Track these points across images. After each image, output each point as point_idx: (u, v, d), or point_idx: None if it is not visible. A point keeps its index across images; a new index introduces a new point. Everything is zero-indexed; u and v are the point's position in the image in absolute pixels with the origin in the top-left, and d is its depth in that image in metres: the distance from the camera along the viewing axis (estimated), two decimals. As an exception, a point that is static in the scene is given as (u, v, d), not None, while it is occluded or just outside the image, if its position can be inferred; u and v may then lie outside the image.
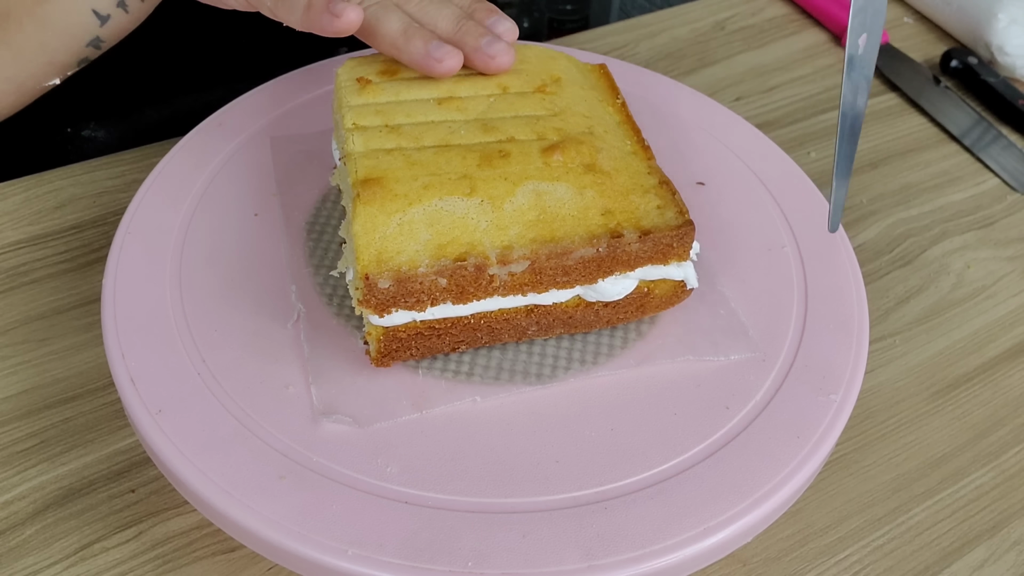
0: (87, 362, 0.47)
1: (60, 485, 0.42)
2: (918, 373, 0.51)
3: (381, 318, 0.37)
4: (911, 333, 0.53)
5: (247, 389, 0.38)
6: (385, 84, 0.42)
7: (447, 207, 0.37)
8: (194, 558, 0.40)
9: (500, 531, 0.34)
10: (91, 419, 0.45)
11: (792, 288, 0.45)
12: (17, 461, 0.43)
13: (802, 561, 0.42)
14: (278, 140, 0.50)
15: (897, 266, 0.57)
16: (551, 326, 0.40)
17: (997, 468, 0.47)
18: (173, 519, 0.41)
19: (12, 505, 0.41)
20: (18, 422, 0.44)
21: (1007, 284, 0.56)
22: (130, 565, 0.40)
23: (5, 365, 0.46)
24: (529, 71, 0.44)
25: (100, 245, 0.52)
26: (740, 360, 0.41)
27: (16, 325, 0.48)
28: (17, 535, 0.40)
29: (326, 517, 0.34)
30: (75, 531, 0.41)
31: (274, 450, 0.36)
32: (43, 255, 0.52)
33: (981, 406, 0.49)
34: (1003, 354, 0.52)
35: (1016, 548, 0.44)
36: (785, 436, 0.38)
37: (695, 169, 0.50)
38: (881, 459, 0.46)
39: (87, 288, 0.50)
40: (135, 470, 0.43)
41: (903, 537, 0.44)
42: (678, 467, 0.37)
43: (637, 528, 0.35)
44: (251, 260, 0.44)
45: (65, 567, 0.39)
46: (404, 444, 0.37)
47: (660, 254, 0.39)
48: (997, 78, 0.70)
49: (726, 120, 0.54)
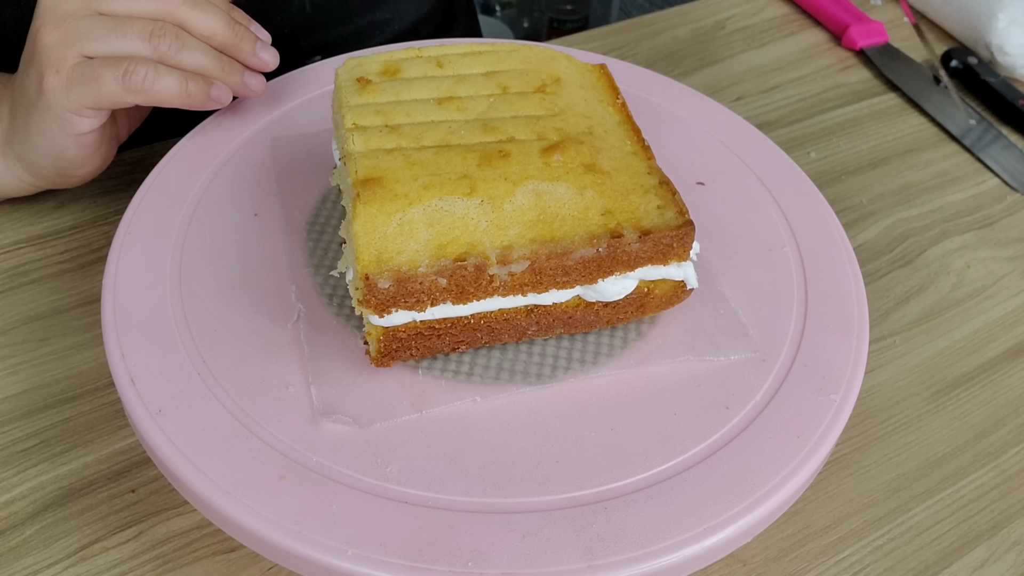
0: (87, 362, 0.47)
1: (60, 485, 0.42)
2: (918, 373, 0.51)
3: (381, 318, 0.37)
4: (911, 333, 0.53)
5: (247, 389, 0.38)
6: (385, 84, 0.42)
7: (447, 207, 0.37)
8: (194, 558, 0.40)
9: (500, 531, 0.34)
10: (91, 419, 0.45)
11: (792, 288, 0.45)
12: (17, 461, 0.43)
13: (802, 561, 0.42)
14: (279, 140, 0.50)
15: (897, 266, 0.57)
16: (551, 326, 0.40)
17: (997, 468, 0.47)
18: (173, 519, 0.41)
19: (12, 505, 0.41)
20: (18, 422, 0.44)
21: (1007, 284, 0.56)
22: (130, 565, 0.40)
23: (5, 365, 0.46)
24: (529, 71, 0.44)
25: (100, 245, 0.52)
26: (740, 360, 0.41)
27: (16, 325, 0.48)
28: (17, 535, 0.40)
29: (326, 517, 0.34)
30: (75, 531, 0.41)
31: (274, 450, 0.36)
32: (43, 255, 0.52)
33: (981, 406, 0.49)
34: (1003, 354, 0.52)
35: (1016, 548, 0.44)
36: (785, 436, 0.38)
37: (695, 169, 0.50)
38: (881, 459, 0.46)
39: (87, 288, 0.50)
40: (135, 470, 0.43)
41: (903, 537, 0.44)
42: (678, 467, 0.37)
43: (637, 528, 0.35)
44: (251, 260, 0.44)
45: (65, 567, 0.39)
46: (404, 444, 0.37)
47: (660, 254, 0.39)
48: (997, 78, 0.70)
49: (726, 120, 0.54)
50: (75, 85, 0.43)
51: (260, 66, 0.48)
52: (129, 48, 0.44)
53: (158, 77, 0.44)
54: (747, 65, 0.71)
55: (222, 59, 0.46)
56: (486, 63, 0.44)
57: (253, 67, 0.48)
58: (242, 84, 0.47)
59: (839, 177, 0.63)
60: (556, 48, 0.47)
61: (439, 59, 0.44)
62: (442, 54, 0.44)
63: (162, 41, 0.44)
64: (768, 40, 0.74)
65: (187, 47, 0.44)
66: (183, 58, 0.44)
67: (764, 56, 0.73)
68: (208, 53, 0.45)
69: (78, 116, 0.44)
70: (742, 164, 0.51)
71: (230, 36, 0.46)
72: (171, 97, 0.44)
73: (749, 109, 0.67)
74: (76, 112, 0.44)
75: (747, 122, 0.54)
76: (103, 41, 0.43)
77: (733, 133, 0.53)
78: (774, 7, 0.78)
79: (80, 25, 0.43)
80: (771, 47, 0.74)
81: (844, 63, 0.73)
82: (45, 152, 0.47)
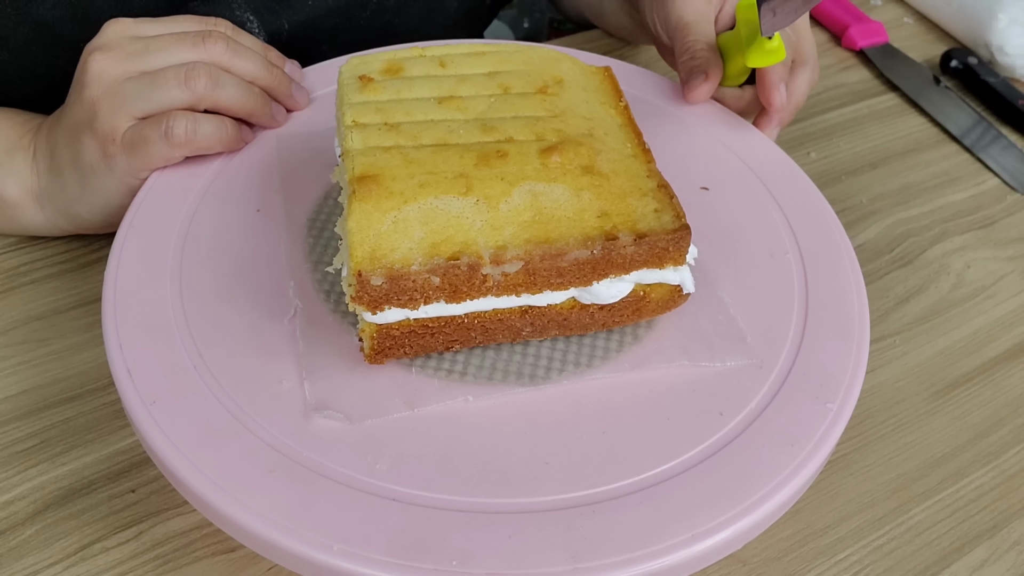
0: (87, 362, 0.47)
1: (60, 485, 0.42)
2: (918, 373, 0.50)
3: (374, 315, 0.37)
4: (911, 333, 0.53)
5: (241, 383, 0.39)
6: (387, 82, 0.42)
7: (442, 206, 0.37)
8: (194, 558, 0.40)
9: (487, 531, 0.34)
10: (91, 419, 0.45)
11: (793, 295, 0.44)
12: (17, 461, 0.43)
13: (802, 561, 0.42)
14: (284, 137, 0.50)
15: (897, 266, 0.56)
16: (546, 327, 0.40)
17: (997, 468, 0.46)
18: (173, 519, 0.41)
19: (12, 505, 0.42)
20: (18, 422, 0.44)
21: (1007, 284, 0.56)
22: (130, 565, 0.40)
23: (5, 365, 0.47)
24: (532, 72, 0.44)
25: (100, 245, 0.53)
26: (736, 366, 0.41)
27: (16, 325, 0.48)
28: (17, 535, 0.41)
29: (314, 512, 0.34)
30: (75, 531, 0.41)
31: (265, 444, 0.36)
32: (43, 255, 0.52)
33: (981, 406, 0.49)
34: (1003, 354, 0.52)
35: (1016, 548, 0.43)
36: (779, 443, 0.38)
37: (700, 174, 0.50)
38: (881, 459, 0.46)
39: (87, 288, 0.50)
40: (135, 470, 0.43)
41: (903, 537, 0.43)
42: (669, 472, 0.37)
43: (624, 532, 0.35)
44: (251, 255, 0.44)
45: (65, 567, 0.40)
46: (395, 441, 0.37)
47: (656, 258, 0.39)
48: (997, 78, 0.70)
49: (732, 124, 0.53)
50: (130, 152, 0.45)
51: (294, 107, 0.51)
52: (170, 98, 0.45)
53: (197, 127, 0.45)
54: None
55: (255, 92, 0.48)
56: (489, 63, 0.44)
57: (288, 107, 0.51)
58: (271, 117, 0.49)
59: (839, 177, 0.63)
60: (560, 49, 0.47)
61: (442, 59, 0.44)
62: (445, 54, 0.44)
63: (197, 83, 0.45)
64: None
65: (221, 84, 0.46)
66: (220, 96, 0.46)
67: (764, 56, 0.73)
68: (242, 87, 0.47)
69: (138, 179, 0.46)
70: (747, 169, 0.51)
71: (268, 79, 0.49)
72: (212, 143, 0.46)
73: (748, 109, 0.67)
74: (136, 176, 0.46)
75: (752, 127, 0.53)
76: (147, 100, 0.45)
77: (738, 138, 0.53)
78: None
79: (125, 88, 0.45)
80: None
81: (844, 63, 0.73)
82: (99, 209, 0.48)
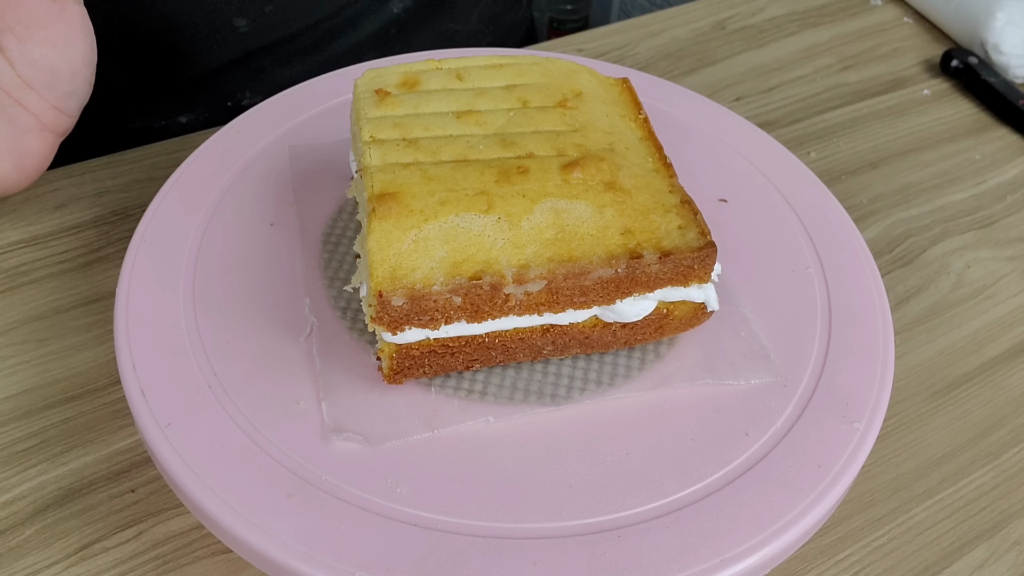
0: (87, 362, 0.46)
1: (60, 485, 0.42)
2: (918, 373, 0.50)
3: (394, 335, 0.36)
4: (911, 333, 0.52)
5: (257, 404, 0.38)
6: (404, 96, 0.42)
7: (463, 224, 0.36)
8: (194, 558, 0.40)
9: (510, 558, 0.34)
10: (91, 419, 0.44)
11: (816, 311, 0.44)
12: (17, 461, 0.43)
13: (802, 561, 0.42)
14: (297, 149, 0.49)
15: (897, 266, 0.56)
16: (567, 346, 0.39)
17: (997, 468, 0.46)
18: (173, 519, 0.41)
19: (12, 505, 0.41)
20: (18, 422, 0.44)
21: (1007, 284, 0.56)
22: (130, 565, 0.39)
23: (5, 365, 0.46)
24: (550, 85, 0.43)
25: (100, 245, 0.52)
26: (761, 385, 0.40)
27: (16, 325, 0.48)
28: (17, 535, 0.40)
29: (334, 538, 0.34)
30: (75, 531, 0.40)
31: (283, 467, 0.36)
32: (43, 255, 0.51)
33: (981, 406, 0.49)
34: (1003, 354, 0.51)
35: (1016, 548, 0.43)
36: (806, 465, 0.37)
37: (718, 185, 0.49)
38: (881, 459, 0.46)
39: (87, 288, 0.50)
40: (135, 470, 0.43)
41: (903, 537, 0.43)
42: (695, 495, 0.36)
43: (651, 558, 0.34)
44: (266, 271, 0.43)
45: (65, 567, 0.39)
46: (415, 464, 0.36)
47: (680, 276, 0.38)
48: (997, 78, 0.69)
49: (750, 135, 0.53)
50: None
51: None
52: None
53: None
54: (747, 65, 0.71)
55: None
56: (507, 76, 0.43)
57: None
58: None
59: (839, 177, 0.62)
60: (578, 61, 0.47)
61: (459, 71, 0.43)
62: (462, 66, 0.44)
63: None
64: (768, 40, 0.74)
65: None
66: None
67: (764, 56, 0.72)
68: None
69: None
70: (766, 181, 0.50)
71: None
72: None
73: (749, 109, 0.67)
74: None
75: (771, 137, 0.53)
76: None
77: (757, 148, 0.52)
78: (774, 7, 0.77)
79: None
80: (771, 47, 0.73)
81: (844, 63, 0.72)
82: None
